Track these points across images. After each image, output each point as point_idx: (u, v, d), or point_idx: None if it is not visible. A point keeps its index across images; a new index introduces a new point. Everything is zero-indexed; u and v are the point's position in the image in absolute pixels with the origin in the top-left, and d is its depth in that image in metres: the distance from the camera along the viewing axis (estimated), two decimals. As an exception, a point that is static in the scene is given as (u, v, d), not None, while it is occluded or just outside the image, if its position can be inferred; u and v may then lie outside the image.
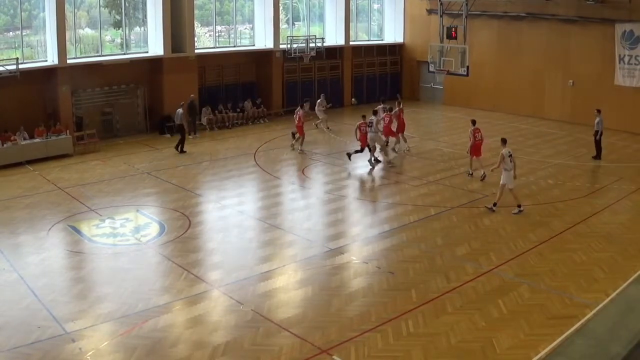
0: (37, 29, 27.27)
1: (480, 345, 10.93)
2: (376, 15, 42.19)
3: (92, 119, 28.40)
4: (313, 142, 28.10)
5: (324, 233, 17.02)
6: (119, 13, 29.71)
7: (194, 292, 13.25)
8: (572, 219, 17.81)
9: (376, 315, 12.16)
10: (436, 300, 12.79)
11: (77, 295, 13.17)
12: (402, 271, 14.27)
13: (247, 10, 35.12)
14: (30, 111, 25.88)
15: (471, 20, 31.22)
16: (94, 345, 11.04)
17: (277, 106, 35.21)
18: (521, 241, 16.08)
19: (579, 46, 32.28)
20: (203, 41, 33.49)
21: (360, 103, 35.31)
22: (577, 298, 12.79)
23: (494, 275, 14.04)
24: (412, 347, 10.93)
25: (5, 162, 23.44)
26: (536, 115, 34.12)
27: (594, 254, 15.22)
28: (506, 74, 35.74)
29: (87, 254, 15.46)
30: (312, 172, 23.30)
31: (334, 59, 38.11)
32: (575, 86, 32.79)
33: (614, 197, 20.03)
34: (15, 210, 18.74)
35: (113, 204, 19.50)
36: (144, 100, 30.58)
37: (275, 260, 15.08)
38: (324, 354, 10.78)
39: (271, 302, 12.82)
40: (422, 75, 40.40)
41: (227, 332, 11.56)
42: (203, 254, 15.64)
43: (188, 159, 25.30)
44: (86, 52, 28.94)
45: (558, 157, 25.14)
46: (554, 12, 32.68)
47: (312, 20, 38.35)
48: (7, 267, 14.41)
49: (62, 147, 25.32)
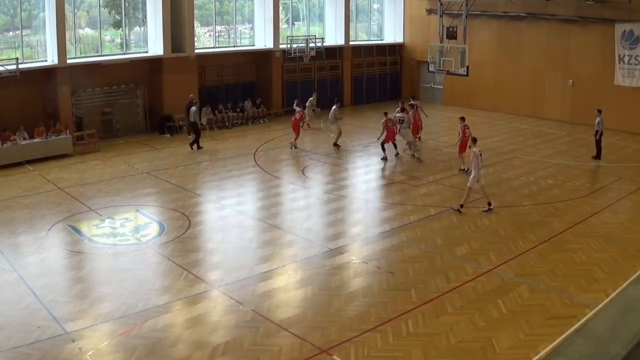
0: (37, 29, 27.27)
1: (480, 345, 10.92)
2: (376, 15, 42.19)
3: (92, 119, 28.40)
4: (313, 142, 28.14)
5: (324, 233, 17.02)
6: (118, 13, 29.71)
7: (194, 292, 13.25)
8: (572, 219, 17.81)
9: (376, 315, 12.16)
10: (436, 300, 12.79)
11: (76, 295, 13.17)
12: (402, 271, 14.27)
13: (247, 10, 35.12)
14: (30, 111, 25.88)
15: (471, 20, 31.23)
16: (94, 345, 11.03)
17: (276, 106, 35.21)
18: (521, 241, 16.07)
19: (579, 46, 32.29)
20: (203, 41, 33.50)
21: (360, 103, 35.25)
22: (577, 298, 12.79)
23: (494, 275, 14.04)
24: (411, 347, 10.93)
25: (5, 162, 23.44)
26: (536, 115, 34.13)
27: (593, 254, 15.22)
28: (506, 74, 35.75)
29: (87, 254, 15.46)
30: (312, 172, 23.29)
31: (334, 59, 38.12)
32: (575, 86, 32.80)
33: (614, 197, 20.03)
34: (15, 210, 18.73)
35: (113, 203, 19.49)
36: (143, 100, 30.59)
37: (275, 260, 15.08)
38: (324, 354, 10.78)
39: (271, 302, 12.82)
40: (422, 75, 40.41)
41: (226, 332, 11.56)
42: (203, 253, 15.63)
43: (188, 158, 25.31)
44: (86, 52, 28.94)
45: (558, 157, 25.14)
46: (554, 12, 32.68)
47: (312, 20, 38.36)
48: (7, 267, 14.40)
49: (62, 147, 25.32)
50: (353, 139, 28.80)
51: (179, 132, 29.89)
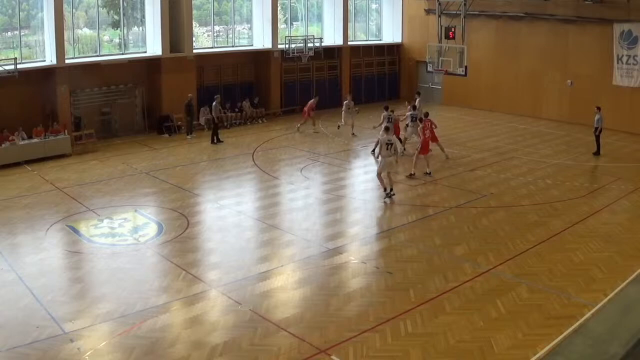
0: (35, 29, 27.22)
1: (479, 346, 10.92)
2: (374, 15, 42.19)
3: (91, 119, 28.35)
4: (311, 142, 28.16)
5: (323, 233, 17.00)
6: (117, 13, 29.69)
7: (192, 292, 13.23)
8: (571, 219, 17.81)
9: (374, 315, 12.15)
10: (434, 300, 12.79)
11: (75, 295, 13.15)
12: (401, 271, 14.26)
13: (246, 10, 35.11)
14: (28, 111, 25.84)
15: (469, 20, 31.27)
16: (92, 345, 11.02)
17: (275, 106, 35.18)
18: (519, 241, 16.07)
19: (578, 46, 32.31)
20: (201, 41, 33.47)
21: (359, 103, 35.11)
22: (576, 298, 12.79)
23: (493, 275, 14.04)
24: (410, 347, 10.92)
25: (4, 162, 23.40)
26: (534, 115, 34.14)
27: (592, 254, 15.22)
28: (505, 73, 35.75)
29: (85, 254, 15.44)
30: (311, 172, 23.28)
31: (332, 59, 38.10)
32: (573, 86, 32.82)
33: (613, 197, 20.04)
34: (14, 210, 18.71)
35: (111, 203, 19.47)
36: (142, 100, 30.57)
37: (274, 260, 15.07)
38: (322, 354, 10.77)
39: (269, 302, 12.81)
40: (420, 75, 40.38)
41: (225, 332, 11.54)
42: (201, 253, 15.62)
43: (185, 158, 25.31)
44: (84, 52, 28.90)
45: (556, 157, 25.14)
46: (553, 12, 32.70)
47: (311, 20, 38.32)
48: (6, 267, 14.37)
49: (60, 147, 25.28)
50: (352, 139, 28.78)
51: (177, 132, 29.88)
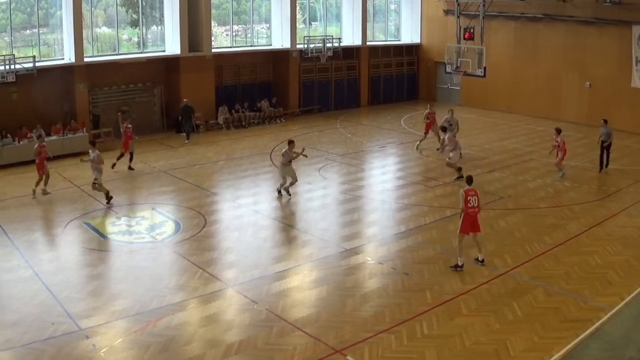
0: (54, 27, 27.47)
1: (494, 348, 10.87)
2: (393, 16, 42.09)
3: (109, 117, 28.53)
4: (329, 143, 28.16)
5: (340, 233, 17.00)
6: (135, 12, 29.86)
7: (209, 290, 13.28)
8: (588, 222, 17.68)
9: (390, 316, 12.13)
10: (451, 302, 12.74)
11: (91, 292, 13.24)
12: (417, 272, 14.23)
13: (264, 10, 35.18)
14: (47, 109, 26.05)
15: (488, 21, 31.09)
16: (108, 342, 11.10)
17: (293, 106, 35.25)
18: (536, 243, 15.98)
19: (596, 48, 32.06)
20: (220, 40, 33.56)
21: (377, 103, 35.16)
22: (592, 301, 12.70)
23: (509, 277, 13.97)
24: (425, 348, 10.89)
25: (22, 160, 23.57)
26: (553, 117, 33.81)
27: (609, 257, 15.09)
28: (523, 75, 35.56)
29: (102, 252, 15.56)
30: (328, 172, 23.28)
31: (351, 59, 38.07)
32: (591, 88, 32.58)
33: (630, 200, 19.86)
34: (31, 207, 18.88)
35: (129, 201, 19.58)
36: (160, 99, 30.75)
37: (290, 259, 15.10)
38: (338, 354, 10.77)
39: (285, 302, 12.83)
40: (439, 76, 40.28)
41: (241, 330, 11.58)
42: (218, 252, 15.66)
43: (203, 158, 25.38)
44: (103, 51, 29.10)
45: (574, 160, 24.90)
46: (571, 14, 32.48)
47: (329, 20, 38.34)
48: (22, 264, 14.52)
49: (78, 144, 25.41)
50: (370, 139, 28.76)
51: (195, 131, 29.94)
